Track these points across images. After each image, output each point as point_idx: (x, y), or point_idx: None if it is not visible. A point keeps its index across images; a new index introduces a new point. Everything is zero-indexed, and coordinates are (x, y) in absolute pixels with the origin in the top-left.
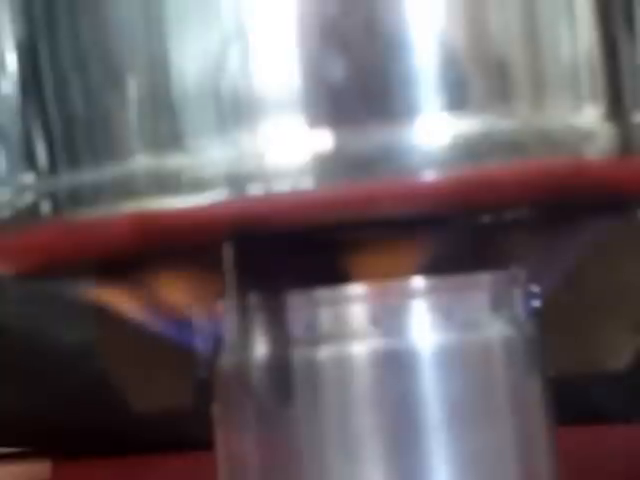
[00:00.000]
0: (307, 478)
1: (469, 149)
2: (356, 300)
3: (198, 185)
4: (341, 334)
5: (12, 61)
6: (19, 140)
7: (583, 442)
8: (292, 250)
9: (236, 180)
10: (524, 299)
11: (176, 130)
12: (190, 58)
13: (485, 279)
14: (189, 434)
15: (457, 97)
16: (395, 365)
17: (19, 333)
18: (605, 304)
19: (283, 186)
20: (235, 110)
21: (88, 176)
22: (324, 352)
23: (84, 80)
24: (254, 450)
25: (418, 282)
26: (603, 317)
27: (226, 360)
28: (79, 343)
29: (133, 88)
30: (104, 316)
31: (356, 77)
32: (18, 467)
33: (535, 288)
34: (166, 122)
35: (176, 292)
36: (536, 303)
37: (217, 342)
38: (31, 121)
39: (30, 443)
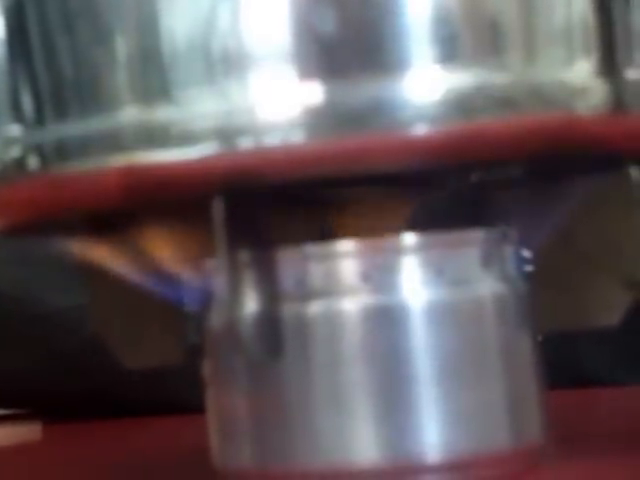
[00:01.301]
0: (297, 433)
1: (461, 103)
2: (347, 256)
3: (188, 138)
4: (332, 290)
5: None
6: (6, 93)
7: (577, 406)
8: (283, 206)
9: (226, 133)
10: (515, 256)
11: (166, 82)
12: (180, 12)
13: (476, 236)
14: (181, 396)
15: (449, 50)
16: (386, 321)
17: (9, 296)
18: (597, 260)
19: (274, 140)
20: (225, 63)
21: (75, 128)
22: (314, 308)
23: (72, 36)
24: (244, 406)
25: (409, 238)
26: (595, 273)
27: (216, 316)
28: (71, 306)
29: (122, 44)
30: (95, 278)
31: (348, 30)
32: (9, 429)
33: (526, 245)
34: (156, 75)
35: (166, 248)
36: (527, 260)
37: (207, 298)
38: (19, 76)
39: (21, 405)
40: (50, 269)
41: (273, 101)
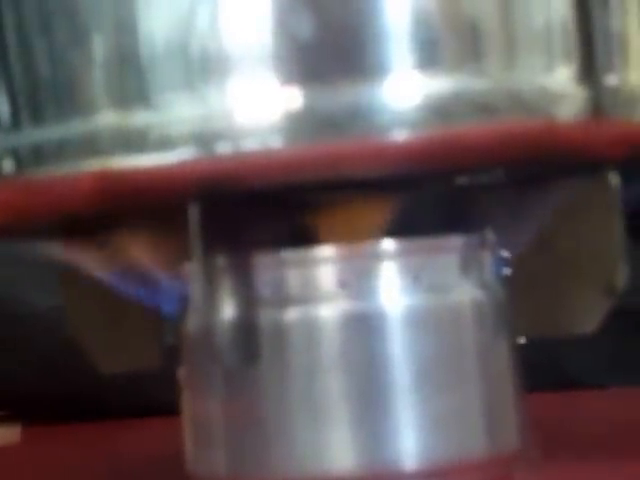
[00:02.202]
0: (273, 440)
1: (440, 109)
2: (324, 262)
3: (165, 143)
4: (309, 296)
5: None
6: None
7: (558, 408)
8: (260, 211)
9: (204, 138)
10: (494, 262)
11: (143, 86)
12: (158, 15)
13: (455, 242)
14: (158, 399)
15: (429, 56)
16: (363, 327)
17: None
18: (576, 267)
19: (252, 144)
20: (204, 67)
21: (52, 132)
22: (291, 314)
23: (49, 39)
24: (220, 412)
25: (387, 244)
26: (574, 279)
27: (192, 321)
28: (52, 307)
29: (99, 46)
30: (71, 282)
31: (327, 35)
32: None
33: (505, 251)
34: (133, 78)
35: (142, 253)
36: (506, 267)
37: (184, 303)
38: None
39: (2, 407)
40: (33, 269)
41: (252, 106)
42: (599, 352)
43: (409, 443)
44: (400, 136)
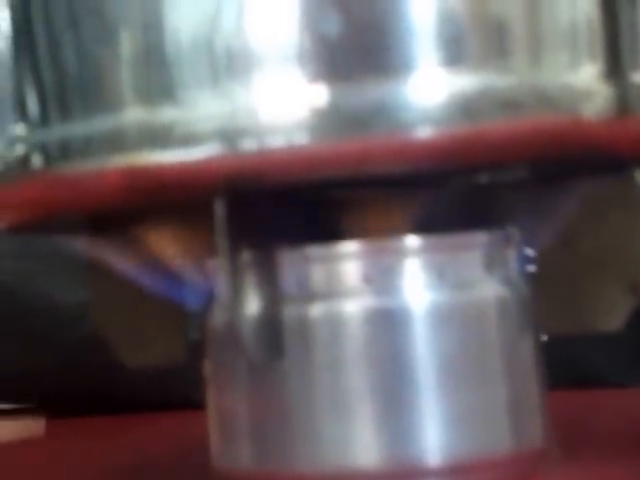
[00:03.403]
0: (298, 435)
1: (465, 106)
2: (349, 258)
3: (190, 139)
4: (333, 292)
5: (4, 16)
6: (11, 93)
7: (578, 406)
8: (285, 207)
9: (229, 135)
10: (518, 259)
11: (169, 82)
12: (185, 11)
13: (479, 239)
14: (181, 393)
15: (454, 53)
16: (387, 323)
17: (14, 291)
18: (599, 265)
19: (277, 141)
20: (229, 64)
21: (79, 128)
22: (316, 309)
23: (77, 35)
24: (245, 407)
25: (412, 241)
26: (598, 277)
27: (217, 317)
28: (74, 302)
29: (126, 43)
30: (97, 277)
31: (352, 32)
32: (14, 423)
33: (529, 248)
34: (159, 75)
35: (168, 248)
36: (530, 263)
37: (208, 299)
38: (23, 75)
39: (25, 400)
40: (51, 264)
41: (277, 103)
42: (619, 351)
43: (433, 439)
44: (425, 133)
